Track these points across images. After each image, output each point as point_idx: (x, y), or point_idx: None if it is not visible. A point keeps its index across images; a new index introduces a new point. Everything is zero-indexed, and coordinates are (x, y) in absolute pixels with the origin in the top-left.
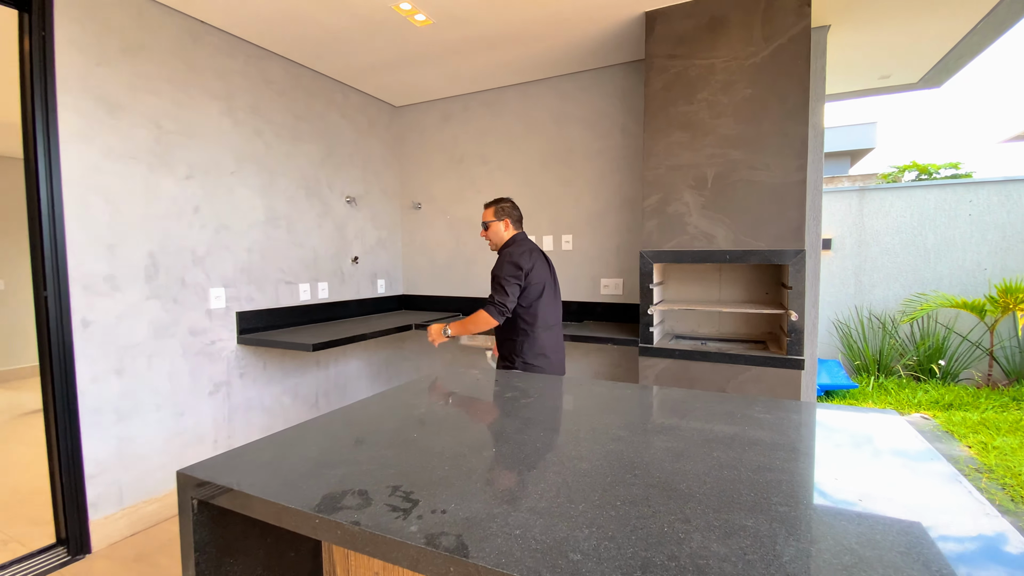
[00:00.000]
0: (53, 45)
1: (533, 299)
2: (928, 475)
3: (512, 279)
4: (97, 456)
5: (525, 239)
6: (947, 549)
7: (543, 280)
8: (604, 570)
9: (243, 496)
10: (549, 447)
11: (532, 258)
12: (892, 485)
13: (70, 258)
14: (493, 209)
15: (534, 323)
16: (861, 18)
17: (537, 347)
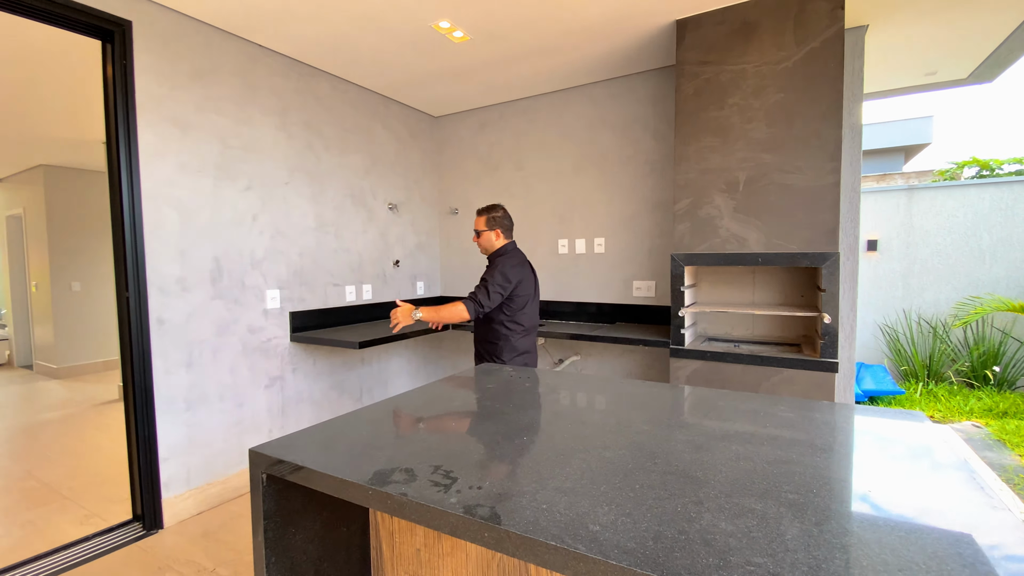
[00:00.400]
0: (133, 72)
1: (517, 309)
2: (942, 471)
3: (499, 287)
4: (169, 441)
5: (516, 250)
6: (943, 534)
7: (528, 292)
8: (619, 539)
9: (307, 471)
10: (576, 437)
11: (522, 272)
12: (904, 478)
13: (148, 263)
14: (485, 218)
15: (516, 329)
16: (901, 17)
17: (517, 349)
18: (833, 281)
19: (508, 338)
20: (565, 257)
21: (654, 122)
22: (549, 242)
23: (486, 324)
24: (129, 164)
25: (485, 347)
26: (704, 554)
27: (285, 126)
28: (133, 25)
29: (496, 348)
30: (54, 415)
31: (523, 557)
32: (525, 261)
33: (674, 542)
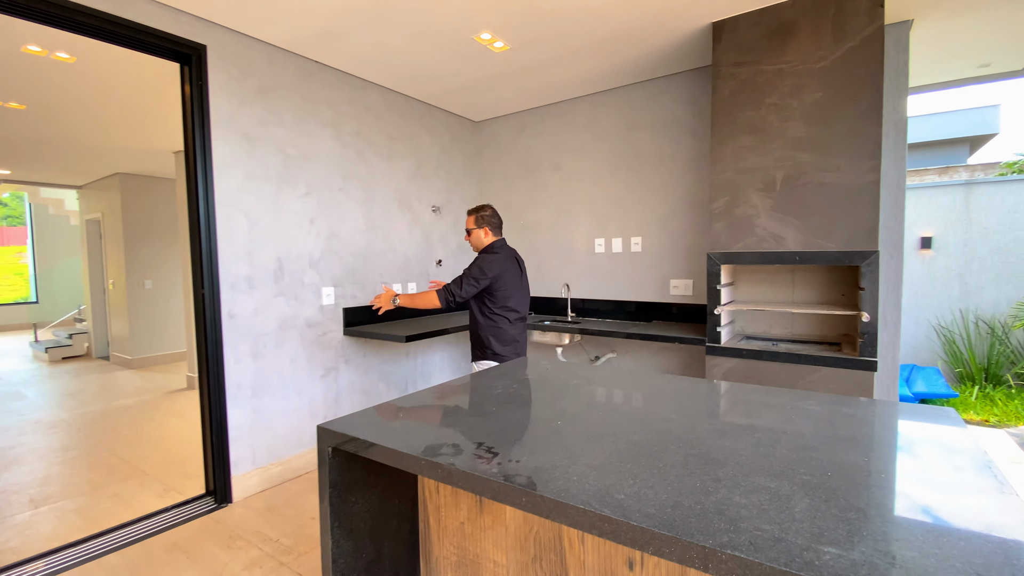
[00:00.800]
0: (208, 91)
1: (501, 300)
2: (960, 461)
3: (474, 280)
4: (238, 423)
5: (503, 246)
6: (940, 516)
7: (510, 285)
8: (641, 506)
9: (369, 444)
10: (606, 423)
11: (502, 266)
12: (920, 466)
13: (220, 263)
14: (474, 218)
15: (503, 319)
16: (945, 12)
17: (504, 338)
18: (873, 280)
19: (498, 326)
20: (601, 256)
21: (691, 122)
22: (586, 241)
23: (478, 316)
24: (205, 174)
25: (477, 337)
26: (717, 521)
27: (339, 135)
28: (207, 49)
29: (486, 339)
30: (131, 401)
31: (555, 518)
32: (510, 256)
33: (690, 511)
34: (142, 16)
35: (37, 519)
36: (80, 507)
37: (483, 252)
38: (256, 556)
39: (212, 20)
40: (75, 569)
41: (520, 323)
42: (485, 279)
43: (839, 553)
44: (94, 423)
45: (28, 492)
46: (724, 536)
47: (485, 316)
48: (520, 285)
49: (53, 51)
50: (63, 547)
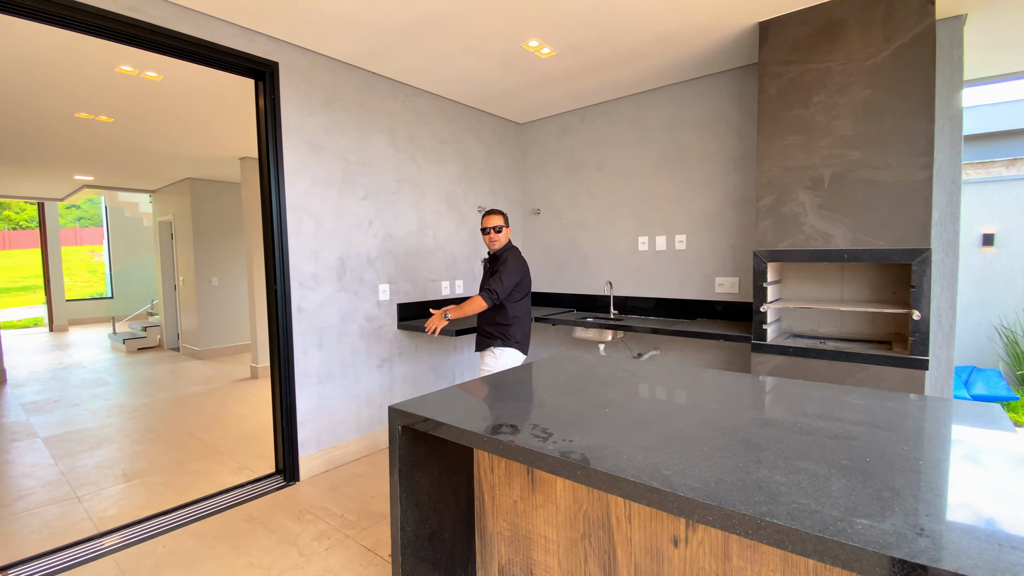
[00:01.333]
0: (280, 104)
1: (520, 297)
2: (997, 452)
3: (512, 278)
4: (304, 408)
5: (516, 247)
6: (970, 497)
7: (528, 283)
8: (687, 481)
9: (437, 423)
10: (652, 411)
11: (525, 268)
12: (957, 454)
13: (291, 261)
14: (504, 217)
15: (522, 313)
16: (1001, 5)
17: (524, 331)
18: (925, 278)
19: (519, 316)
20: (645, 254)
21: (737, 120)
22: (629, 239)
23: (499, 311)
24: (277, 180)
25: (496, 327)
26: (757, 495)
27: (393, 142)
28: (279, 65)
29: (508, 327)
30: (201, 389)
31: (608, 490)
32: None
33: (732, 486)
34: (224, 38)
35: (130, 490)
36: (166, 481)
37: (504, 251)
38: (324, 529)
39: (284, 39)
40: (168, 534)
41: (529, 319)
42: (519, 276)
43: (871, 524)
44: (171, 407)
45: (120, 467)
46: (763, 507)
47: (506, 312)
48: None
49: (143, 70)
50: (156, 515)
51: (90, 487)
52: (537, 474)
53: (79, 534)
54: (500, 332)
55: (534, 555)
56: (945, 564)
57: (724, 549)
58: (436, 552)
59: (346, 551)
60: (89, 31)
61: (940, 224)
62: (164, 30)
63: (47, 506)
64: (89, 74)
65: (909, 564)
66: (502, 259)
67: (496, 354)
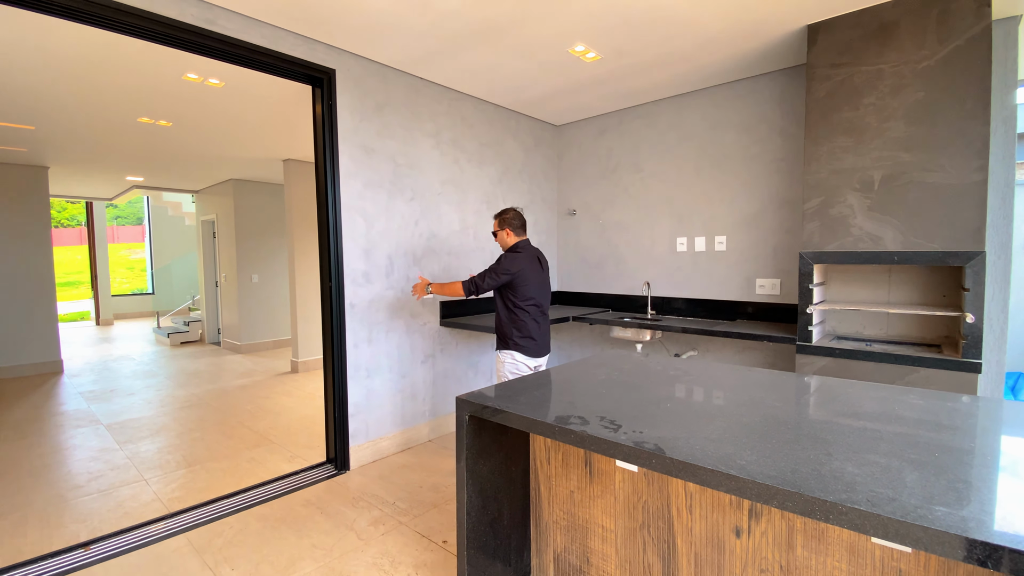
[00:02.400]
0: (336, 109)
1: (522, 295)
2: None
3: (497, 274)
4: (355, 400)
5: (526, 245)
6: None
7: (531, 280)
8: (763, 470)
9: (505, 413)
10: (713, 407)
11: (522, 263)
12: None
13: (344, 259)
14: (497, 221)
15: (523, 313)
16: None
17: (524, 331)
18: (979, 281)
19: (520, 319)
20: (684, 255)
21: (781, 121)
22: (667, 240)
23: (501, 310)
24: (333, 182)
25: (500, 329)
26: (834, 483)
27: (438, 145)
28: (336, 72)
29: (509, 331)
30: (246, 381)
31: (684, 477)
32: (532, 256)
33: (808, 475)
34: (286, 47)
35: (192, 475)
36: (224, 468)
37: (507, 251)
38: (378, 515)
39: (340, 47)
40: (234, 516)
41: (541, 317)
42: (507, 275)
43: (949, 511)
44: (219, 399)
45: (180, 453)
46: (842, 494)
47: (508, 309)
48: (540, 281)
49: (207, 78)
50: (220, 497)
51: (156, 471)
52: (595, 465)
53: (152, 514)
54: (502, 334)
55: (591, 543)
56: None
57: (788, 539)
58: (496, 539)
59: (402, 536)
60: (168, 42)
61: (993, 226)
62: (236, 41)
63: (119, 488)
64: (157, 81)
65: (991, 546)
66: (502, 256)
67: (501, 357)
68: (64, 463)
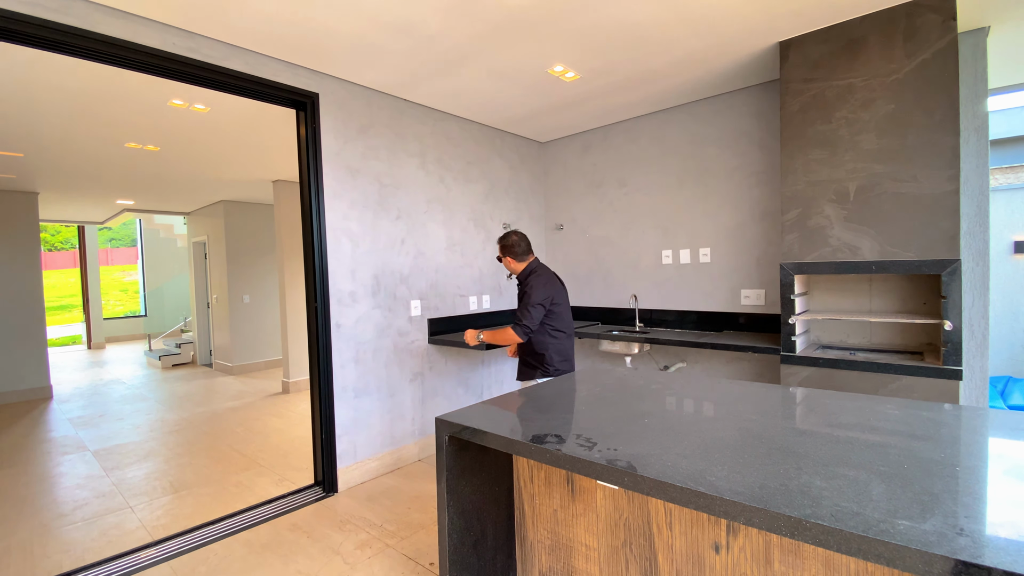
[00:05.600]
0: (320, 132)
1: (556, 319)
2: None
3: (538, 306)
4: (342, 421)
5: (541, 267)
6: (1010, 500)
7: (560, 302)
8: (732, 486)
9: (483, 433)
10: (690, 421)
11: (551, 286)
12: (995, 460)
13: (330, 280)
14: (500, 248)
15: (558, 336)
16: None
17: (561, 354)
18: (955, 288)
19: (558, 341)
20: (669, 267)
21: (758, 134)
22: (653, 253)
23: (537, 336)
24: (317, 204)
25: (534, 357)
26: (800, 499)
27: (424, 164)
28: (319, 96)
29: (547, 355)
30: (236, 403)
31: (655, 495)
32: (551, 275)
33: (776, 491)
34: (270, 73)
35: (179, 501)
36: (211, 493)
37: (526, 275)
38: (365, 538)
39: (323, 71)
40: (219, 542)
41: (570, 338)
42: (546, 300)
43: (912, 525)
44: (208, 422)
45: (167, 479)
46: (808, 509)
47: (548, 335)
48: (566, 301)
49: (192, 103)
50: (206, 524)
51: (141, 497)
52: (577, 483)
53: (136, 542)
54: (538, 362)
55: (575, 563)
56: (986, 560)
57: (766, 555)
58: (480, 560)
59: (388, 559)
60: (153, 71)
61: (969, 234)
62: (218, 68)
63: (104, 516)
64: (142, 107)
65: (951, 560)
66: (527, 284)
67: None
68: (49, 491)
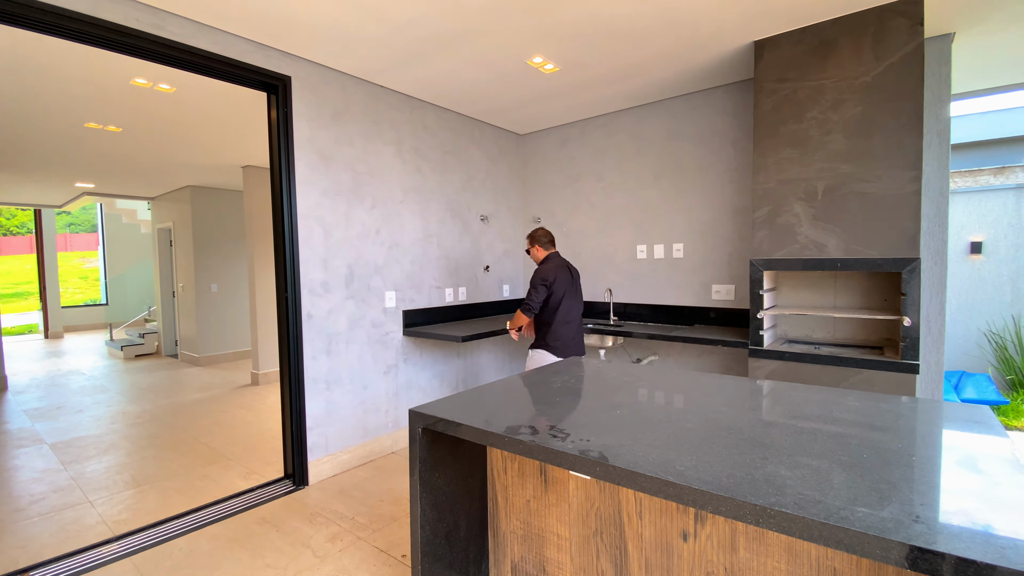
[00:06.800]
0: (292, 117)
1: (554, 303)
2: (983, 447)
3: (540, 287)
4: (313, 413)
5: (556, 257)
6: (961, 487)
7: (563, 289)
8: (700, 475)
9: (456, 424)
10: (661, 412)
11: (556, 273)
12: (948, 450)
13: (301, 269)
14: (529, 240)
15: (555, 319)
16: (987, 26)
17: (557, 336)
18: (915, 286)
19: (550, 326)
20: (644, 262)
21: (732, 132)
22: (628, 248)
23: (537, 319)
24: (289, 191)
25: (539, 334)
26: (765, 487)
27: (400, 153)
28: (292, 80)
29: (544, 332)
30: (203, 395)
31: (626, 484)
32: (561, 265)
33: (742, 480)
34: (240, 54)
35: (141, 495)
36: (176, 486)
37: (540, 264)
38: (336, 531)
39: (296, 54)
40: (184, 537)
41: (572, 324)
42: (545, 287)
43: (870, 512)
44: (174, 414)
45: (129, 472)
46: (772, 498)
47: (545, 316)
48: (570, 290)
49: (157, 83)
50: (170, 518)
51: (102, 492)
52: (550, 474)
53: (96, 537)
54: (540, 335)
55: (547, 552)
56: (939, 546)
57: (731, 542)
58: (452, 551)
59: (360, 552)
60: (113, 47)
61: (929, 234)
62: (185, 46)
63: (62, 510)
64: (103, 86)
65: (906, 546)
66: (537, 269)
67: (530, 354)
68: (4, 485)
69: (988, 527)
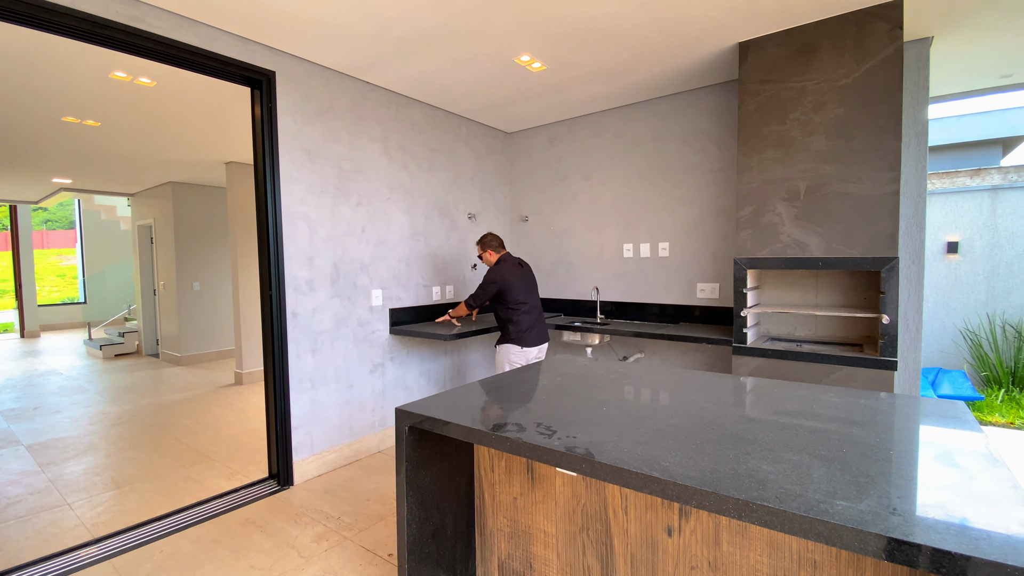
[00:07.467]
0: (276, 112)
1: (513, 298)
2: (959, 442)
3: (489, 286)
4: (298, 413)
5: (507, 258)
6: (936, 480)
7: (516, 283)
8: (684, 471)
9: (443, 422)
10: (647, 409)
11: (506, 272)
12: (924, 444)
13: (285, 267)
14: (480, 246)
15: (517, 310)
16: (965, 32)
17: (519, 326)
18: (893, 284)
19: (512, 319)
20: (630, 260)
21: (717, 133)
22: (614, 246)
23: (500, 312)
24: (273, 187)
25: (502, 327)
26: (748, 482)
27: (387, 150)
28: (276, 75)
29: (507, 327)
30: (185, 395)
31: (612, 481)
32: (512, 264)
33: (725, 475)
34: (223, 48)
35: (121, 497)
36: (157, 488)
37: (494, 265)
38: (322, 531)
39: (281, 49)
40: (165, 539)
41: (531, 313)
42: (493, 285)
43: (849, 505)
44: (155, 414)
45: (108, 474)
46: (754, 492)
47: (504, 311)
48: (524, 283)
49: (137, 77)
50: (151, 520)
51: (80, 494)
52: (537, 471)
53: (74, 540)
54: (504, 330)
55: (533, 549)
56: (916, 538)
57: (715, 536)
58: (439, 549)
59: (345, 552)
60: (91, 40)
61: (907, 234)
62: (167, 39)
63: (39, 513)
64: (80, 79)
65: (884, 538)
66: (488, 271)
67: (497, 350)
68: None
69: (963, 519)
